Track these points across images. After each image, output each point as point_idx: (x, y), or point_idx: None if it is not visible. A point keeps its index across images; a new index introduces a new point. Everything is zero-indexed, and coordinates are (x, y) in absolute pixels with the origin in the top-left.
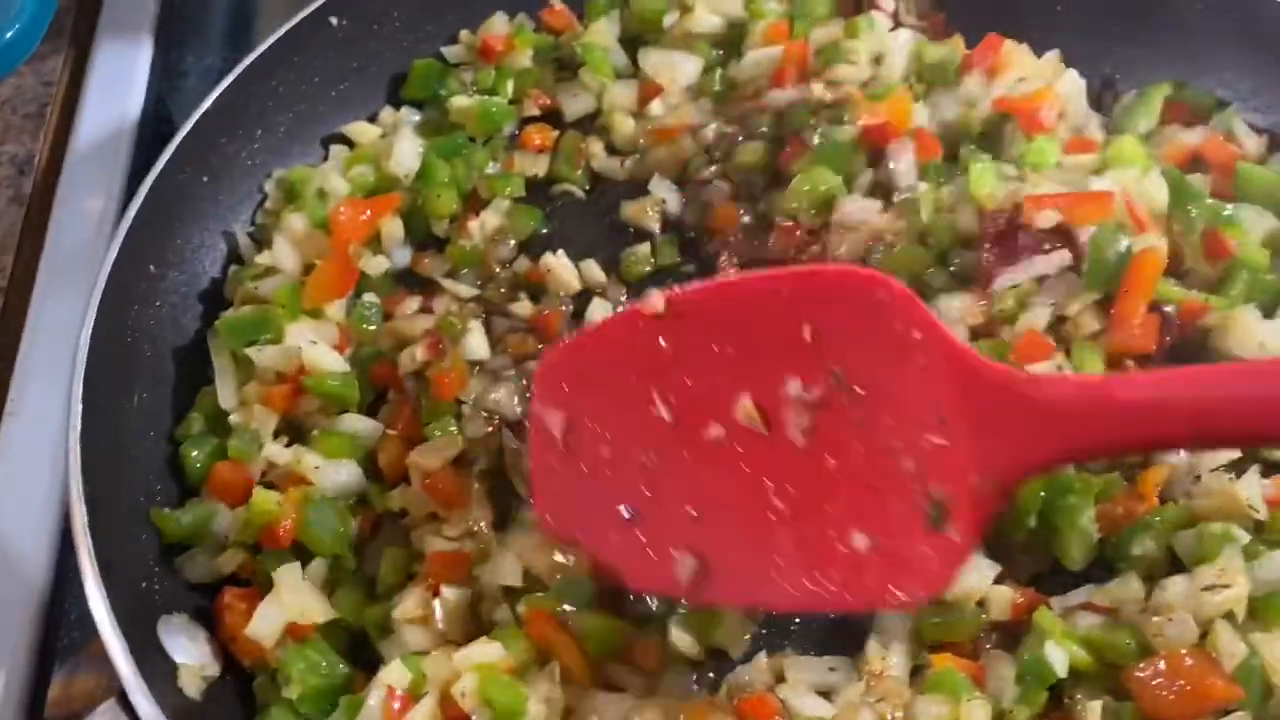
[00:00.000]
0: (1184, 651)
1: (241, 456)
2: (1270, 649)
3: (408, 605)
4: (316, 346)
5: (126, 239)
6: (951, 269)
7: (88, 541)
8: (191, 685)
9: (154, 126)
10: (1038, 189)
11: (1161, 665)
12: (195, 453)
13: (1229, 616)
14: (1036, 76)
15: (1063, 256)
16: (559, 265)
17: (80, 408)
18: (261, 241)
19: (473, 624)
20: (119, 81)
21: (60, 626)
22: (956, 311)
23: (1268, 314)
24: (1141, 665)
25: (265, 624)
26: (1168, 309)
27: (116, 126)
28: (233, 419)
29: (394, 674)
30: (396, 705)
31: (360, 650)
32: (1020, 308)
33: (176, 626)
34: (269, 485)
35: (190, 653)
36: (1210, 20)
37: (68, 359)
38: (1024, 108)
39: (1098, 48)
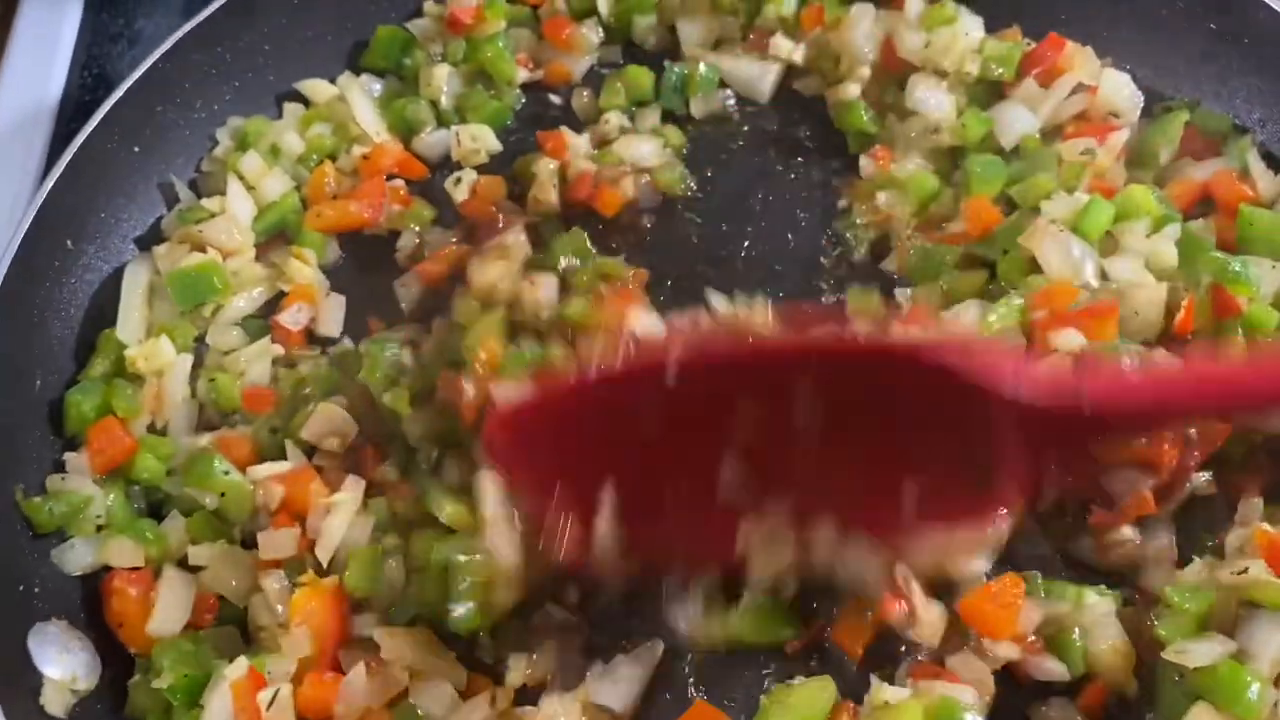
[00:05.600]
0: None
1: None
2: None
3: None
4: None
5: (41, 211)
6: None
7: None
8: (56, 702)
9: (80, 96)
10: None
11: None
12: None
13: None
14: (1093, 80)
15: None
16: None
17: None
18: (203, 191)
19: None
20: (43, 47)
21: None
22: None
23: None
24: None
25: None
26: None
27: (38, 97)
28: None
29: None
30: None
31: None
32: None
33: (50, 636)
34: None
35: (62, 665)
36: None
37: None
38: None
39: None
